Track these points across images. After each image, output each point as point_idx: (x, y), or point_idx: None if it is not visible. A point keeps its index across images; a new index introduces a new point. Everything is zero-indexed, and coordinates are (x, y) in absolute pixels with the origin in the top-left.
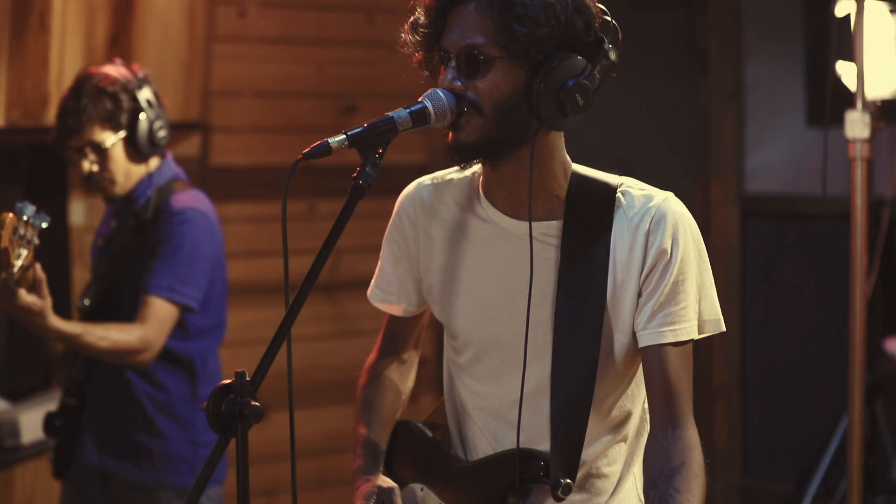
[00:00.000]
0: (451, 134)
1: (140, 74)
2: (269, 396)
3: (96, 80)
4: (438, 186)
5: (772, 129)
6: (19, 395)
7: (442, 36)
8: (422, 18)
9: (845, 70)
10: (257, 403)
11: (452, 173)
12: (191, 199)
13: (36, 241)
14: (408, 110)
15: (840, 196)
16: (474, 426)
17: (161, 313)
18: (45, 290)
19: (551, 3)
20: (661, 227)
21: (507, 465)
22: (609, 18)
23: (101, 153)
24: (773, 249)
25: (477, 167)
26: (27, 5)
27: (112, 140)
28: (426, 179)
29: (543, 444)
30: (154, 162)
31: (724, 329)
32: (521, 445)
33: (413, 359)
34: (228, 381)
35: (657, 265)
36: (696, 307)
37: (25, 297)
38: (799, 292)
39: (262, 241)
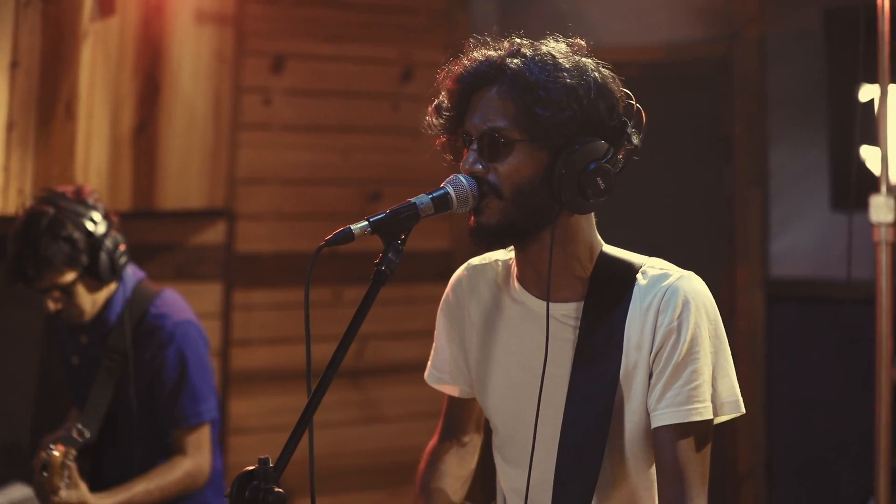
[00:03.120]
0: (472, 218)
1: (90, 200)
2: (293, 483)
3: (47, 225)
4: (483, 268)
5: (797, 214)
6: None
7: (465, 119)
8: (445, 102)
9: (869, 154)
10: (281, 490)
11: (499, 254)
12: (170, 308)
13: (72, 460)
14: (430, 196)
15: (865, 280)
16: None
17: (196, 440)
18: (76, 478)
19: (574, 87)
20: (670, 305)
21: None
22: (633, 102)
23: (66, 293)
24: (798, 333)
25: None
26: (54, 93)
27: (73, 277)
28: (475, 260)
29: None
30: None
31: (743, 411)
32: None
33: (475, 441)
34: (252, 467)
35: (666, 343)
36: (709, 387)
37: (62, 497)
38: (825, 376)
39: (287, 327)
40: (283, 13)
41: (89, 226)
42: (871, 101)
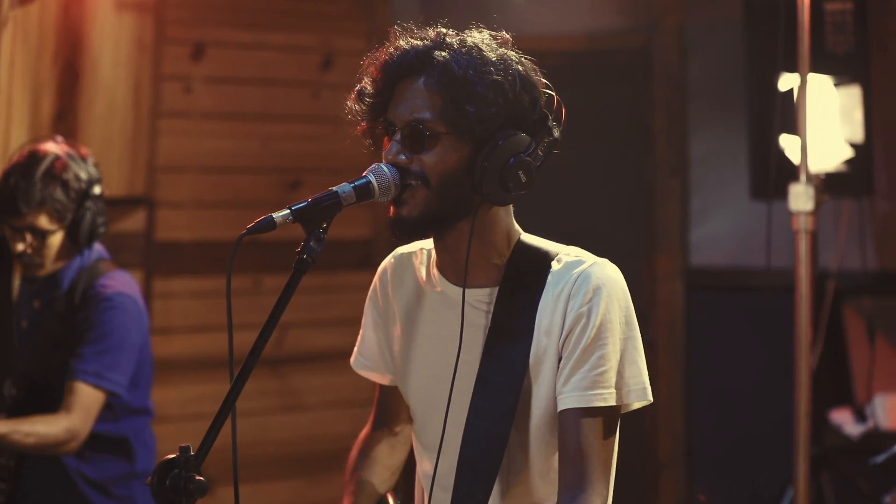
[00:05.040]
0: (392, 208)
1: (90, 160)
2: (215, 471)
3: (51, 165)
4: (409, 256)
5: (716, 203)
6: None
7: (388, 107)
8: (368, 88)
9: (789, 143)
10: (202, 478)
11: (425, 243)
12: (118, 283)
13: None
14: (352, 185)
15: (784, 268)
16: (424, 495)
17: (86, 400)
18: None
19: (500, 82)
20: (581, 290)
21: None
22: (553, 94)
23: (40, 239)
24: (717, 322)
25: None
26: None
27: (54, 229)
28: (402, 249)
29: None
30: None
31: (650, 400)
32: None
33: (407, 431)
34: (173, 455)
35: (575, 328)
36: (615, 374)
37: None
38: (744, 365)
39: (207, 315)
40: (203, 1)
41: (87, 183)
42: (791, 90)
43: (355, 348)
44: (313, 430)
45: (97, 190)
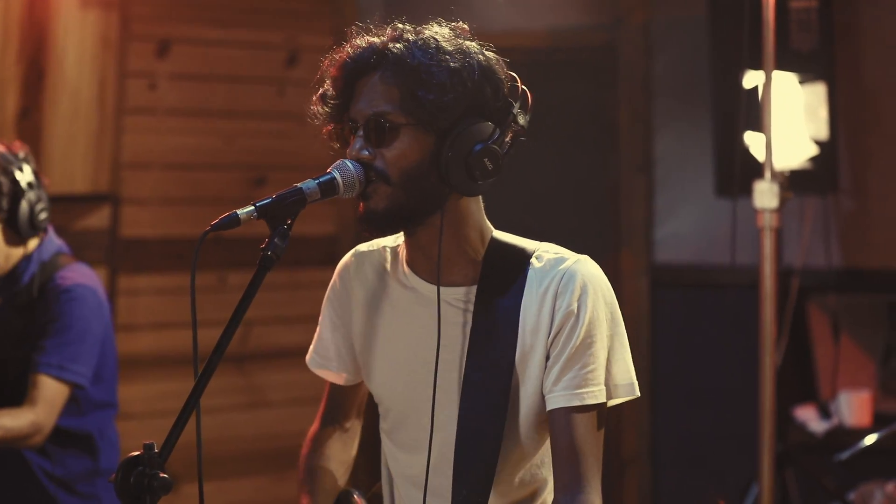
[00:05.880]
0: (361, 204)
1: (21, 154)
2: (179, 468)
3: None
4: (371, 254)
5: (681, 200)
6: None
7: (350, 106)
8: (329, 90)
9: (754, 141)
10: (166, 475)
11: (387, 241)
12: (78, 274)
13: None
14: (316, 181)
15: (749, 265)
16: (398, 493)
17: (50, 393)
18: None
19: (457, 70)
20: (568, 288)
21: None
22: (518, 84)
23: None
24: (683, 319)
25: None
26: None
27: None
28: (362, 247)
29: None
30: (33, 242)
31: (638, 394)
32: None
33: (356, 427)
34: (137, 452)
35: (564, 327)
36: (604, 371)
37: None
38: (709, 362)
39: (171, 312)
40: None
41: (16, 173)
42: (756, 87)
43: (311, 347)
44: (278, 427)
45: (30, 177)
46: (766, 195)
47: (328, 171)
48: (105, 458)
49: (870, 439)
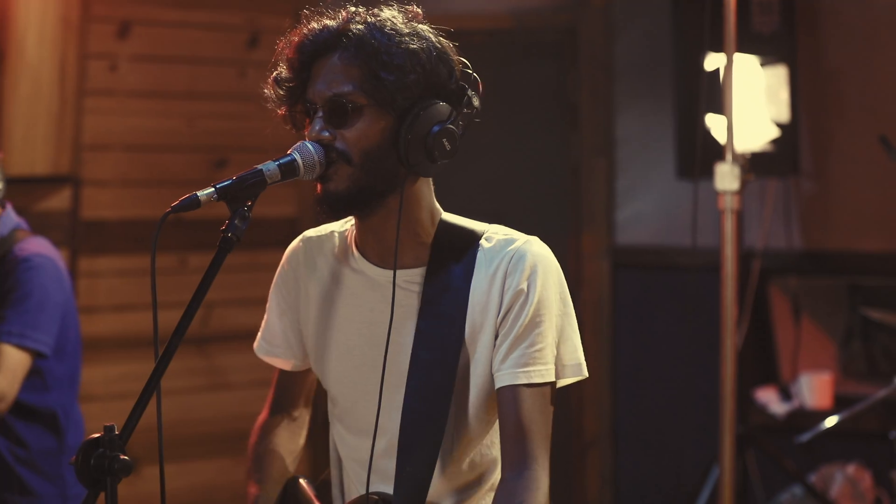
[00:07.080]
0: (319, 185)
1: None
2: (140, 450)
3: None
4: (320, 239)
5: (642, 182)
6: None
7: (307, 88)
8: (285, 73)
9: (715, 123)
10: (127, 457)
11: (335, 226)
12: (36, 245)
13: None
14: (276, 163)
15: (710, 247)
16: (348, 477)
17: (12, 361)
18: None
19: (415, 51)
20: (518, 268)
21: None
22: (470, 70)
23: None
24: (644, 301)
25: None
26: None
27: None
28: (310, 233)
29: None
30: None
31: (586, 375)
32: (379, 493)
33: (304, 415)
34: (97, 434)
35: (513, 306)
36: (553, 350)
37: None
38: (670, 343)
39: (132, 294)
40: None
41: None
42: (717, 70)
43: (259, 333)
44: (239, 409)
45: None
46: (727, 177)
47: (288, 152)
48: (71, 437)
49: (830, 421)
